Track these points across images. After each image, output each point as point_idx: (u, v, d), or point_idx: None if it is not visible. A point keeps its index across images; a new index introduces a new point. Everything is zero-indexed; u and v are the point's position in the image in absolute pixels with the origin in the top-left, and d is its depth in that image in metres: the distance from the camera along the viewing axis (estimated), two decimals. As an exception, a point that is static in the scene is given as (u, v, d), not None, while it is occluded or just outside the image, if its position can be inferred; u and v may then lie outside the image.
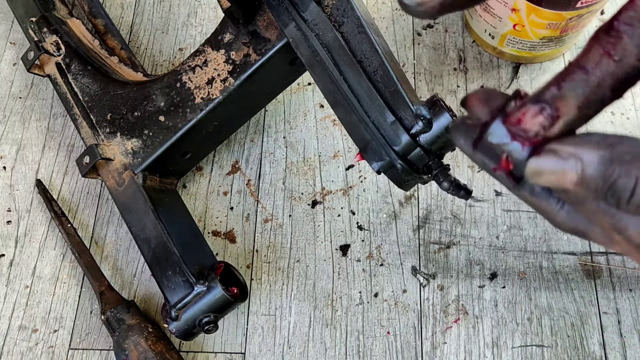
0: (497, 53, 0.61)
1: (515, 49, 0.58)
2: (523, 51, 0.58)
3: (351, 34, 0.40)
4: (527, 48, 0.57)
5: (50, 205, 0.57)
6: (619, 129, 0.57)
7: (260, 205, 0.57)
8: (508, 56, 0.60)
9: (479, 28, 0.60)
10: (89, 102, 0.54)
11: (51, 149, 0.61)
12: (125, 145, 0.52)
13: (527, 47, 0.57)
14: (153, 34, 0.66)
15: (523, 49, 0.58)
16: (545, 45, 0.57)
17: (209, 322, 0.47)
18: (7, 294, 0.55)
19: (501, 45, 0.59)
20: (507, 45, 0.58)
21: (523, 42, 0.57)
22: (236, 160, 0.59)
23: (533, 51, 0.58)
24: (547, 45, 0.57)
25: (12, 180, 0.60)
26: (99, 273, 0.54)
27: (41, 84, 0.64)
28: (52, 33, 0.57)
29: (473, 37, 0.62)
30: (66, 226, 0.56)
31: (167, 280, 0.47)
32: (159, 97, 0.51)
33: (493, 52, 0.61)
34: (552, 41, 0.56)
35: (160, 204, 0.51)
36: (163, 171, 0.53)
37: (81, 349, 0.53)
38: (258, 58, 0.45)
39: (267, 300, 0.53)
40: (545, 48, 0.57)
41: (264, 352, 0.52)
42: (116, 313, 0.50)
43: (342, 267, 0.54)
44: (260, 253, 0.55)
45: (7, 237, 0.57)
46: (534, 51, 0.58)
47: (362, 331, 0.52)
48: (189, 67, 0.49)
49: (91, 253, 0.56)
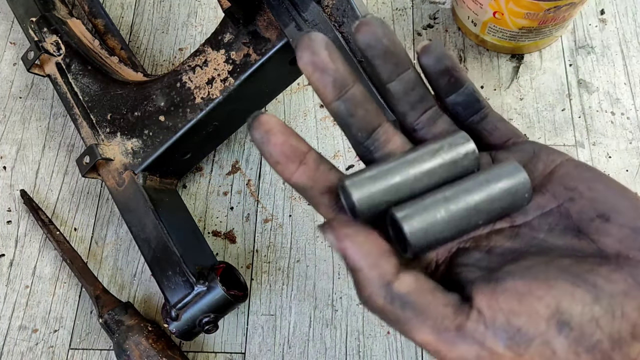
0: (479, 41, 0.61)
1: (496, 38, 0.59)
2: (503, 40, 0.59)
3: (351, 34, 0.40)
4: (507, 37, 0.58)
5: (36, 215, 0.57)
6: (619, 129, 0.57)
7: (261, 205, 0.57)
8: (490, 45, 0.61)
9: (463, 14, 0.60)
10: (89, 102, 0.54)
11: (51, 149, 0.61)
12: (126, 145, 0.52)
13: (507, 37, 0.58)
14: (153, 34, 0.66)
15: (503, 38, 0.58)
16: (524, 36, 0.57)
17: (209, 322, 0.47)
18: (7, 294, 0.55)
19: (482, 33, 0.59)
20: (488, 34, 0.59)
21: (503, 31, 0.57)
22: (236, 160, 0.59)
23: (513, 41, 0.58)
24: (527, 37, 0.57)
25: (12, 180, 0.60)
26: (92, 277, 0.53)
27: (41, 84, 0.64)
28: (52, 33, 0.57)
29: (458, 24, 0.63)
30: (55, 234, 0.56)
31: (167, 280, 0.47)
32: (159, 97, 0.51)
33: (475, 40, 0.62)
34: (532, 32, 0.56)
35: (160, 204, 0.51)
36: (163, 171, 0.53)
37: (81, 349, 0.53)
38: (258, 58, 0.45)
39: (267, 300, 0.53)
40: (525, 39, 0.58)
41: (264, 352, 0.52)
42: (114, 315, 0.50)
43: (342, 267, 0.54)
44: (260, 253, 0.55)
45: (7, 237, 0.57)
46: (514, 41, 0.58)
47: (362, 331, 0.52)
48: (189, 67, 0.49)
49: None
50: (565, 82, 0.60)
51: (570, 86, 0.60)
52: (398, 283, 0.20)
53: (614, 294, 0.18)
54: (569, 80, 0.60)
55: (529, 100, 0.59)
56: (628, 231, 0.20)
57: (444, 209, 0.21)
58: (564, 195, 0.22)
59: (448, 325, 0.19)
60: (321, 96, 0.23)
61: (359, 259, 0.20)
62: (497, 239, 0.23)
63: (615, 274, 0.19)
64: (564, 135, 0.58)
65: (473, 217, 0.22)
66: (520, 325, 0.18)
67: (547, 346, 0.18)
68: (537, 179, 0.23)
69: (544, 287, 0.19)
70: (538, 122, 0.58)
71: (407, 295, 0.19)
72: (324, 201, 0.23)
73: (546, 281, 0.19)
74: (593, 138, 0.57)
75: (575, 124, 0.58)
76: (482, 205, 0.22)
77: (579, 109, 0.59)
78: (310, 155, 0.23)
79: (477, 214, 0.22)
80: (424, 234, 0.21)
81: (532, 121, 0.58)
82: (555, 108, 0.59)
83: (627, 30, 0.62)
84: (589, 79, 0.60)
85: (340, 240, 0.20)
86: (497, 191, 0.22)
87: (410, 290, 0.19)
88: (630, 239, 0.20)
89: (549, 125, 0.58)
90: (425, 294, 0.20)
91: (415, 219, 0.21)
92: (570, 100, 0.59)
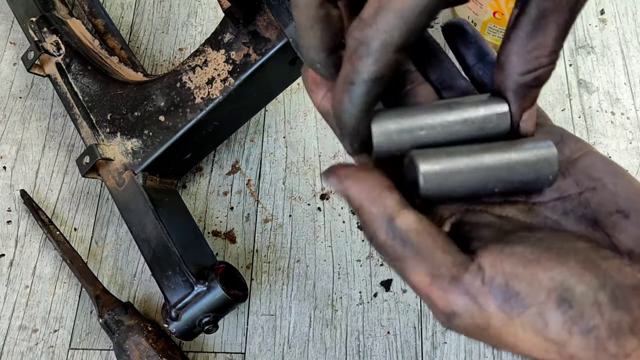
0: None
1: (496, 38, 0.59)
2: None
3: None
4: None
5: (37, 215, 0.57)
6: (619, 129, 0.57)
7: (260, 205, 0.57)
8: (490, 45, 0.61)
9: (463, 14, 0.60)
10: (89, 102, 0.54)
11: (51, 149, 0.61)
12: (125, 145, 0.52)
13: None
14: (153, 34, 0.66)
15: None
16: None
17: (209, 322, 0.47)
18: (7, 294, 0.55)
19: (483, 33, 0.59)
20: (489, 34, 0.59)
21: (503, 31, 0.57)
22: (236, 160, 0.59)
23: None
24: None
25: (12, 180, 0.60)
26: (92, 277, 0.53)
27: (41, 84, 0.64)
28: (52, 33, 0.57)
29: None
30: (55, 234, 0.56)
31: (167, 280, 0.47)
32: (159, 97, 0.51)
33: None
34: None
35: (160, 204, 0.51)
36: (163, 171, 0.53)
37: (81, 349, 0.53)
38: (258, 58, 0.45)
39: (267, 300, 0.53)
40: None
41: (264, 352, 0.52)
42: (114, 315, 0.50)
43: (342, 267, 0.54)
44: (260, 253, 0.55)
45: (7, 237, 0.57)
46: None
47: (362, 331, 0.52)
48: (189, 67, 0.49)
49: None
50: (565, 82, 0.60)
51: (570, 86, 0.60)
52: (400, 219, 0.19)
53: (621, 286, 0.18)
54: (569, 80, 0.60)
55: (529, 100, 0.59)
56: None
57: (464, 162, 0.21)
58: (586, 184, 0.22)
59: (444, 272, 0.19)
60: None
61: (361, 196, 0.20)
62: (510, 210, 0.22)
63: (628, 268, 0.19)
64: (564, 135, 0.58)
65: (491, 180, 0.21)
66: (519, 290, 0.18)
67: (541, 317, 0.18)
68: (562, 163, 0.23)
69: (554, 260, 0.19)
70: (538, 122, 0.58)
71: (409, 233, 0.19)
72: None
73: (558, 256, 0.19)
74: (593, 138, 0.57)
75: (575, 124, 0.58)
76: (503, 172, 0.21)
77: (579, 109, 0.59)
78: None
79: (496, 179, 0.21)
80: (437, 181, 0.21)
81: (532, 121, 0.58)
82: (555, 108, 0.59)
83: (627, 30, 0.62)
84: (589, 79, 0.60)
85: (341, 181, 0.20)
86: (523, 161, 0.21)
87: (411, 229, 0.19)
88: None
89: (549, 125, 0.58)
90: (426, 235, 0.19)
91: (432, 162, 0.21)
92: (570, 100, 0.59)
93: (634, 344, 0.18)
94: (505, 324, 0.18)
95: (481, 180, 0.21)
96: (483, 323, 0.19)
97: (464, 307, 0.19)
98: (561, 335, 0.18)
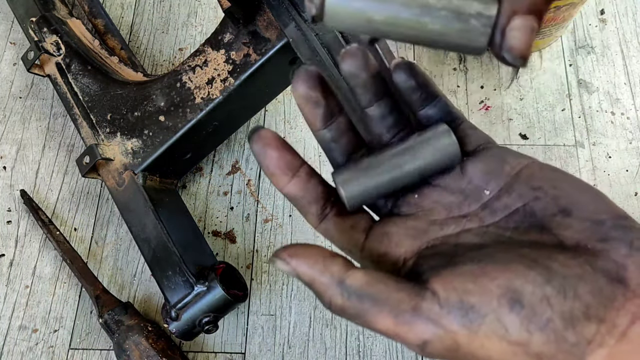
0: None
1: None
2: None
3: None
4: None
5: (37, 215, 0.57)
6: (619, 129, 0.57)
7: (261, 205, 0.57)
8: None
9: None
10: (89, 102, 0.54)
11: (51, 149, 0.61)
12: (125, 145, 0.52)
13: None
14: (153, 34, 0.66)
15: None
16: None
17: (209, 322, 0.47)
18: (7, 294, 0.55)
19: None
20: None
21: None
22: (236, 160, 0.59)
23: None
24: None
25: (12, 180, 0.60)
26: (92, 277, 0.53)
27: (41, 84, 0.64)
28: (52, 33, 0.57)
29: None
30: (55, 234, 0.56)
31: (167, 280, 0.47)
32: (159, 97, 0.51)
33: None
34: None
35: (160, 204, 0.51)
36: (163, 171, 0.53)
37: (81, 349, 0.53)
38: (258, 58, 0.45)
39: (267, 300, 0.53)
40: None
41: (264, 352, 0.52)
42: (114, 315, 0.50)
43: (342, 267, 0.54)
44: (260, 253, 0.55)
45: (7, 237, 0.57)
46: None
47: (362, 331, 0.52)
48: (189, 67, 0.49)
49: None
50: (565, 82, 0.60)
51: (570, 86, 0.60)
52: (350, 279, 0.21)
53: (567, 276, 0.19)
54: (569, 80, 0.60)
55: (529, 100, 0.59)
56: (588, 223, 0.21)
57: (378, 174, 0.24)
58: (529, 195, 0.23)
59: (404, 307, 0.20)
60: (311, 126, 0.26)
61: (309, 271, 0.21)
62: (466, 236, 0.24)
63: (572, 260, 0.20)
64: (564, 135, 0.58)
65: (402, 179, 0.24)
66: (473, 302, 0.19)
67: (499, 323, 0.19)
68: (504, 181, 0.24)
69: (499, 269, 0.20)
70: (538, 122, 0.58)
71: (361, 288, 0.20)
72: (311, 210, 0.25)
73: (502, 264, 0.20)
74: (593, 138, 0.57)
75: (575, 124, 0.58)
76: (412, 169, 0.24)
77: (579, 109, 0.59)
78: (303, 169, 0.25)
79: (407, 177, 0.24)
80: (360, 199, 0.25)
81: (532, 121, 0.58)
82: (555, 108, 0.59)
83: (627, 30, 0.62)
84: (589, 79, 0.60)
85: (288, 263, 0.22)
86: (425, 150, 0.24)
87: (362, 283, 0.21)
88: (590, 231, 0.21)
89: (549, 125, 0.58)
90: (377, 283, 0.21)
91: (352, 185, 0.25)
92: (570, 100, 0.59)
93: (592, 330, 0.18)
94: (471, 339, 0.19)
95: (394, 182, 0.24)
96: (452, 344, 0.19)
97: (431, 334, 0.19)
98: (522, 335, 0.18)
